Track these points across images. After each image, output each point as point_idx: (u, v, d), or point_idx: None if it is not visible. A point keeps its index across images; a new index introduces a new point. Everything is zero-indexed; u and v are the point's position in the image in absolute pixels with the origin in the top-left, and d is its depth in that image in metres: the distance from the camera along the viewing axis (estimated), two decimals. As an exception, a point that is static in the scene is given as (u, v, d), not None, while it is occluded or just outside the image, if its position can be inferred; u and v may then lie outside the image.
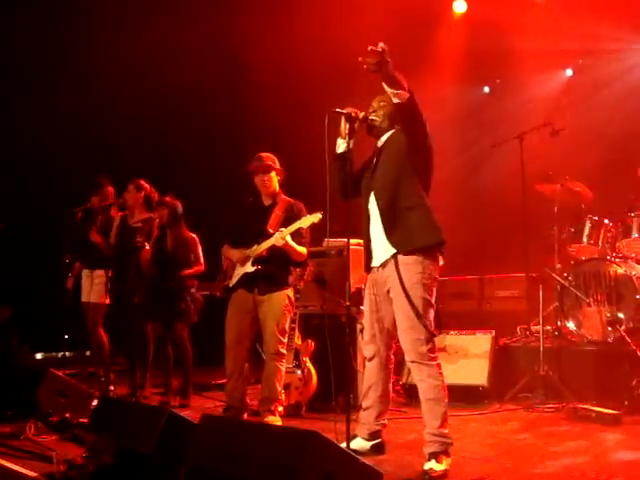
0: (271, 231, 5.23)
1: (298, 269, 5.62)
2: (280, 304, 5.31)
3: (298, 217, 5.24)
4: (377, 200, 4.19)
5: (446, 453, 3.94)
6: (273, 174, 5.43)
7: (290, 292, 5.42)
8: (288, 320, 5.42)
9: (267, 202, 5.47)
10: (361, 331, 5.21)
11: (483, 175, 9.25)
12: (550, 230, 6.66)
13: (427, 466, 3.87)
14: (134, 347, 6.60)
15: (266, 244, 5.22)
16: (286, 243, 5.13)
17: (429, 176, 4.23)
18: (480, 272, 8.01)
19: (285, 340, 5.37)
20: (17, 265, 8.50)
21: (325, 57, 8.05)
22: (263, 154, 5.47)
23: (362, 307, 4.70)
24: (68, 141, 8.62)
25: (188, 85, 8.66)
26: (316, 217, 5.02)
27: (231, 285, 5.40)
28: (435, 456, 3.90)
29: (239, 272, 5.37)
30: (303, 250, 5.31)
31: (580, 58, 8.97)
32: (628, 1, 7.86)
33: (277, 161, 5.50)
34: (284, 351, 5.36)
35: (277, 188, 5.49)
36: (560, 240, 6.64)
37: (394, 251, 4.10)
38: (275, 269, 5.31)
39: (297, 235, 5.23)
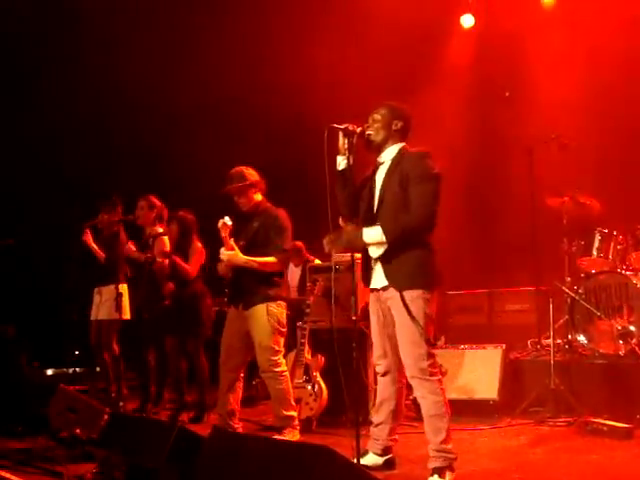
0: (240, 244, 5.08)
1: (281, 279, 5.28)
2: (262, 319, 5.05)
3: (273, 226, 5.11)
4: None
5: (450, 468, 3.93)
6: (246, 192, 5.20)
7: (274, 306, 5.11)
8: (274, 336, 5.07)
9: (249, 215, 5.29)
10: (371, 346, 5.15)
11: (492, 188, 9.23)
12: (560, 243, 6.64)
13: None
14: (147, 362, 6.62)
15: None
16: (236, 261, 4.97)
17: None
18: (489, 286, 7.97)
19: (276, 358, 5.09)
20: (27, 281, 8.52)
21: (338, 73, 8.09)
22: (233, 172, 5.24)
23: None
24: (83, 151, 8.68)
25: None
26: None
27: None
28: (439, 471, 3.89)
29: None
30: (270, 259, 5.06)
31: (588, 66, 8.94)
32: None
33: (251, 173, 5.24)
34: (277, 369, 5.09)
35: (256, 200, 5.26)
36: (570, 253, 6.62)
37: None
38: (250, 282, 5.09)
39: (273, 247, 5.07)
